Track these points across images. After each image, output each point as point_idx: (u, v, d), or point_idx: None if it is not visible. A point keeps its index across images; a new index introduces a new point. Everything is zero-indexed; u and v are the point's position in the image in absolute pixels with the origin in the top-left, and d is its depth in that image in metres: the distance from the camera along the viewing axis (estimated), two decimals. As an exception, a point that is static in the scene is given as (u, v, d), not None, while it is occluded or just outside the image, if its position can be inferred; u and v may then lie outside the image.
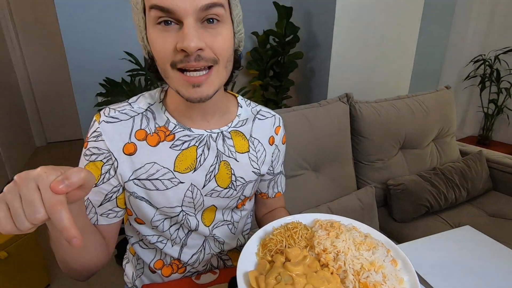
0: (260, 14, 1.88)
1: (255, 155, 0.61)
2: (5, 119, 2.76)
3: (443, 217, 1.31)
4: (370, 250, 0.44)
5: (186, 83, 0.44)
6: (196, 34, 0.41)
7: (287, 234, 0.47)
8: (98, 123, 0.51)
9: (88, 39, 1.51)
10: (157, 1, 0.40)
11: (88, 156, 0.52)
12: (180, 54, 0.42)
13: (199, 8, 0.40)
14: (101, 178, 0.52)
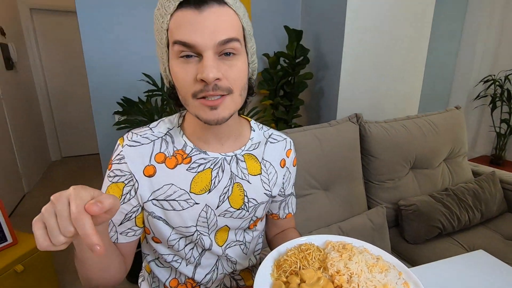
0: (271, 36, 1.95)
1: (267, 177, 0.63)
2: (24, 134, 2.87)
3: (457, 239, 1.28)
4: (382, 272, 0.45)
5: (204, 106, 0.48)
6: (214, 65, 0.44)
7: (301, 256, 0.48)
8: (122, 147, 0.55)
9: (108, 60, 1.59)
10: (180, 37, 0.44)
11: (112, 178, 0.55)
12: (200, 84, 0.46)
13: (217, 43, 0.44)
14: (122, 198, 0.55)
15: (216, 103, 0.47)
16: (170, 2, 0.45)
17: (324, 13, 1.77)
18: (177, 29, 0.45)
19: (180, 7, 0.44)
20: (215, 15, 0.44)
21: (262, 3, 1.87)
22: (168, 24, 0.46)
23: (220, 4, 0.45)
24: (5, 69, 2.61)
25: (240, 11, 0.48)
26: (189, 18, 0.44)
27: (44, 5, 3.23)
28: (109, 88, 1.63)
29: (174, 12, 0.45)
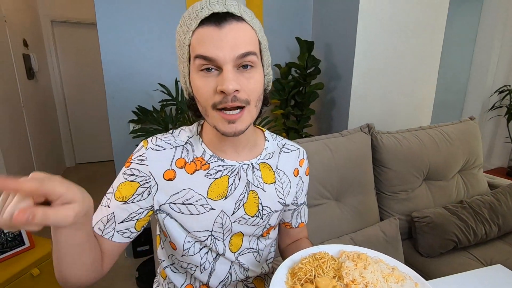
0: (283, 47, 1.99)
1: (281, 186, 0.65)
2: (42, 140, 2.97)
3: (473, 253, 1.25)
4: (398, 282, 0.45)
5: (223, 120, 0.50)
6: (233, 78, 0.47)
7: (316, 264, 0.49)
8: (145, 149, 0.57)
9: (125, 70, 1.65)
10: (202, 52, 0.47)
11: (128, 176, 0.56)
12: (219, 96, 0.48)
13: (236, 57, 0.47)
14: (132, 197, 0.56)
15: (235, 117, 0.49)
16: (192, 20, 0.48)
17: (335, 24, 1.80)
18: (198, 44, 0.47)
19: (201, 24, 0.47)
20: (234, 31, 0.47)
21: (274, 15, 1.91)
22: (190, 40, 0.48)
23: (238, 21, 0.48)
24: (27, 79, 2.73)
25: (256, 26, 0.51)
26: (210, 34, 0.46)
27: (64, 17, 3.38)
28: (124, 97, 1.68)
29: (195, 29, 0.48)
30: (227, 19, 0.47)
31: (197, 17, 0.47)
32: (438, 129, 1.47)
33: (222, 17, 0.47)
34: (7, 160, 2.02)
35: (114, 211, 0.56)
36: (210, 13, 0.47)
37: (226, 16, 0.47)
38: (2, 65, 2.25)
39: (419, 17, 1.77)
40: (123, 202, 0.56)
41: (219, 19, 0.46)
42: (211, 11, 0.47)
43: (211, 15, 0.47)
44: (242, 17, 0.48)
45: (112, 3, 1.55)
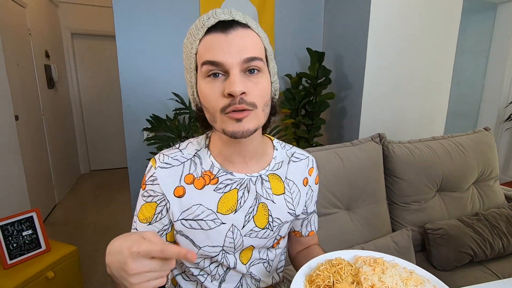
0: (294, 58, 2.02)
1: (291, 196, 0.65)
2: (59, 148, 3.07)
3: (490, 268, 1.21)
4: (417, 286, 0.45)
5: (230, 120, 0.50)
6: (240, 81, 0.48)
7: (333, 270, 0.49)
8: (154, 169, 0.58)
9: (141, 80, 1.71)
10: (209, 57, 0.48)
11: (146, 197, 0.59)
12: (227, 99, 0.49)
13: (242, 61, 0.48)
14: (154, 217, 0.59)
15: (242, 115, 0.49)
16: (199, 30, 0.49)
17: (346, 34, 1.82)
18: (205, 51, 0.49)
19: (208, 32, 0.49)
20: (240, 37, 0.48)
21: (285, 26, 1.95)
22: (197, 48, 0.50)
23: (244, 28, 0.49)
24: (47, 88, 2.85)
25: (262, 34, 0.52)
26: (217, 40, 0.48)
27: (84, 30, 3.54)
28: (140, 105, 1.74)
29: (202, 38, 0.49)
30: (233, 26, 0.48)
31: (203, 26, 0.49)
32: (452, 140, 1.45)
33: (228, 24, 0.48)
34: (27, 167, 2.10)
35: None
36: (216, 21, 0.48)
37: (232, 23, 0.48)
38: (25, 75, 2.36)
39: (431, 26, 1.77)
40: (148, 223, 0.59)
41: (225, 26, 0.48)
42: (217, 19, 0.48)
43: (217, 23, 0.48)
44: (247, 25, 0.50)
45: (130, 17, 1.62)
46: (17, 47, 2.24)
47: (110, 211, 2.78)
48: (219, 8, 0.53)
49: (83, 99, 3.79)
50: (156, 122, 1.61)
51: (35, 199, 2.27)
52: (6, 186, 1.71)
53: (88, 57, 3.71)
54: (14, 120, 1.90)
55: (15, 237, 1.28)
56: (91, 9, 3.52)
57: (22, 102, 2.23)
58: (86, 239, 2.28)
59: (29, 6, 2.49)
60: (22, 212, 1.32)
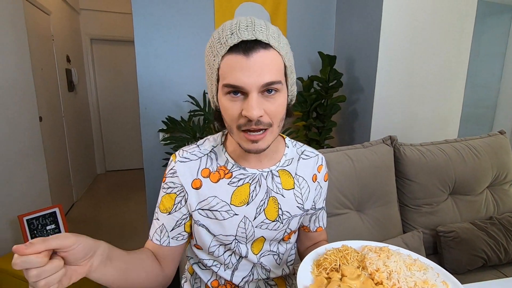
0: (305, 61, 2.05)
1: (300, 191, 0.68)
2: (77, 148, 3.19)
3: (505, 272, 1.20)
4: (421, 271, 0.47)
5: (247, 139, 0.54)
6: (257, 104, 0.50)
7: (340, 255, 0.52)
8: (174, 163, 0.63)
9: (157, 84, 1.78)
10: (230, 81, 0.50)
11: (166, 189, 0.64)
12: (244, 119, 0.52)
13: (261, 85, 0.50)
14: (173, 207, 0.63)
15: (258, 138, 0.53)
16: (222, 46, 0.50)
17: (357, 38, 1.84)
18: (226, 72, 0.50)
19: (230, 51, 0.50)
20: (261, 59, 0.49)
21: (297, 30, 1.99)
22: (219, 64, 0.51)
23: (265, 49, 0.50)
24: (67, 91, 2.98)
25: (282, 50, 0.52)
26: (238, 63, 0.49)
27: (103, 35, 3.68)
28: (156, 107, 1.81)
29: (224, 55, 0.50)
30: (255, 47, 0.49)
31: (226, 43, 0.49)
32: (465, 143, 1.44)
33: (250, 46, 0.48)
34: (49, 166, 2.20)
35: (164, 222, 0.64)
36: (239, 41, 0.48)
37: (254, 45, 0.49)
38: (48, 79, 2.49)
39: (444, 30, 1.77)
40: (167, 213, 0.64)
41: (247, 48, 0.48)
42: (240, 38, 0.48)
43: (240, 42, 0.49)
44: (269, 44, 0.50)
45: (148, 23, 1.70)
46: (42, 52, 2.36)
47: (125, 210, 2.87)
48: (236, 18, 0.52)
49: (101, 102, 3.93)
50: (171, 123, 1.67)
51: (56, 197, 2.38)
52: (30, 183, 1.80)
53: (106, 61, 3.86)
54: (39, 121, 2.01)
55: (39, 231, 1.35)
56: (109, 16, 3.66)
57: (46, 104, 2.35)
58: (102, 236, 2.36)
59: (53, 13, 2.63)
60: (46, 208, 1.39)
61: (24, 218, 1.32)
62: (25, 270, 0.38)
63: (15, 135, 1.69)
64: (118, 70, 3.91)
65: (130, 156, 4.14)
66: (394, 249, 0.56)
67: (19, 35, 1.80)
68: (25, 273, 0.38)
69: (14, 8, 1.76)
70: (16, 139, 1.70)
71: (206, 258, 0.68)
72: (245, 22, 0.50)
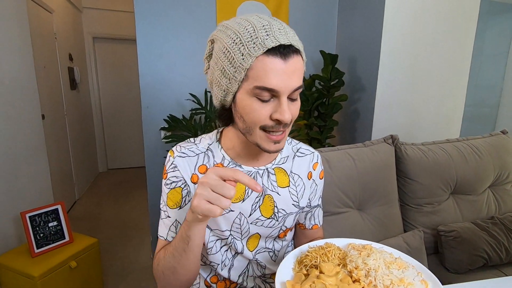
0: (308, 60, 2.03)
1: (295, 189, 0.69)
2: (79, 146, 3.20)
3: (506, 272, 1.19)
4: (400, 269, 0.48)
5: (268, 140, 0.55)
6: (288, 108, 0.51)
7: (321, 252, 0.52)
8: (173, 158, 0.63)
9: (159, 82, 1.78)
10: (267, 84, 0.49)
11: (169, 185, 0.64)
12: (273, 122, 0.53)
13: (292, 90, 0.51)
14: (183, 200, 0.64)
15: (280, 138, 0.55)
16: (256, 46, 0.48)
17: (359, 37, 1.84)
18: (263, 74, 0.49)
19: (266, 53, 0.48)
20: (294, 65, 0.50)
21: (300, 29, 1.99)
22: (251, 64, 0.49)
23: (297, 54, 0.51)
24: (70, 89, 2.99)
25: (304, 55, 0.54)
26: (276, 67, 0.48)
27: (105, 34, 3.69)
28: (158, 106, 1.81)
29: (259, 56, 0.48)
30: (291, 53, 0.49)
31: (263, 44, 0.47)
32: (466, 142, 1.43)
33: (287, 51, 0.49)
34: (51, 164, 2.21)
35: (176, 218, 0.64)
36: (277, 44, 0.48)
37: (290, 49, 0.49)
38: (51, 77, 2.50)
39: (446, 29, 1.76)
40: (178, 208, 0.64)
41: (285, 53, 0.48)
42: (278, 42, 0.48)
43: (278, 46, 0.48)
44: (299, 50, 0.51)
45: (150, 22, 1.70)
46: (45, 50, 2.37)
47: (127, 208, 2.88)
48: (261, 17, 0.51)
49: (103, 100, 3.94)
50: (173, 122, 1.67)
51: (58, 194, 2.39)
52: (33, 181, 1.81)
53: (108, 60, 3.87)
54: (41, 119, 2.02)
55: (42, 227, 1.37)
56: (112, 14, 3.67)
57: (48, 102, 2.36)
58: (104, 233, 2.37)
59: (55, 11, 2.64)
60: (48, 205, 1.41)
61: (27, 215, 1.33)
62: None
63: (18, 133, 1.70)
64: (121, 68, 3.92)
65: (132, 154, 4.16)
66: (378, 247, 0.56)
67: (22, 33, 1.81)
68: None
69: (18, 6, 1.77)
70: (19, 137, 1.71)
71: (205, 256, 0.69)
72: (277, 25, 0.50)
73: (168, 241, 0.64)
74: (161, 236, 0.65)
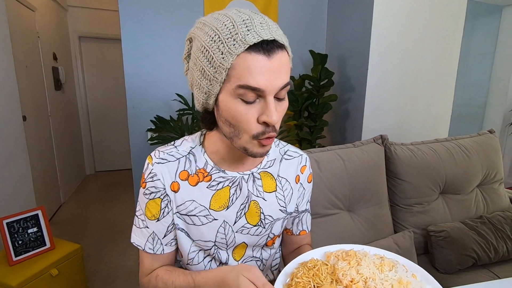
0: (297, 59, 2.03)
1: (282, 194, 0.65)
2: (65, 148, 3.11)
3: (494, 271, 1.19)
4: (392, 269, 0.47)
5: (259, 145, 0.51)
6: (275, 109, 0.47)
7: (311, 274, 0.48)
8: (152, 165, 0.58)
9: (146, 82, 1.73)
10: (252, 83, 0.44)
11: (148, 195, 0.59)
12: (262, 126, 0.48)
13: (279, 88, 0.47)
14: (161, 212, 0.59)
15: (269, 142, 0.51)
16: (236, 42, 0.44)
17: (349, 37, 1.83)
18: (245, 73, 0.44)
19: (248, 50, 0.44)
20: (279, 61, 0.46)
21: (289, 28, 1.97)
22: (232, 63, 0.44)
23: (281, 49, 0.46)
24: (54, 90, 2.90)
25: (289, 50, 0.49)
26: (260, 64, 0.44)
27: (92, 33, 3.60)
28: (144, 107, 1.76)
29: (241, 54, 0.44)
30: (275, 48, 0.45)
31: (244, 40, 0.43)
32: (455, 142, 1.44)
33: (270, 47, 0.45)
34: (34, 166, 2.13)
35: (154, 230, 0.60)
36: (259, 40, 0.43)
37: (273, 45, 0.45)
38: (34, 77, 2.41)
39: (435, 30, 1.77)
40: (156, 220, 0.60)
41: (269, 49, 0.44)
42: (260, 37, 0.44)
43: (260, 42, 0.44)
44: (283, 45, 0.47)
45: (135, 20, 1.65)
46: (26, 49, 2.29)
47: (115, 212, 2.81)
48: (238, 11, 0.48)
49: (90, 101, 3.85)
50: (160, 122, 1.63)
51: (41, 198, 2.31)
52: (13, 185, 1.74)
53: (95, 59, 3.78)
54: (22, 120, 1.94)
55: (20, 234, 1.30)
56: (98, 13, 3.58)
57: (30, 103, 2.28)
58: (91, 238, 2.30)
59: (38, 9, 2.55)
60: (27, 210, 1.34)
61: (4, 221, 1.27)
62: None
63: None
64: (108, 68, 3.83)
65: (121, 156, 4.07)
66: (359, 249, 0.54)
67: (0, 32, 1.73)
68: None
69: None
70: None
71: (187, 268, 0.65)
72: (258, 19, 0.46)
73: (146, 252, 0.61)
74: (138, 246, 0.62)
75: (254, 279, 0.45)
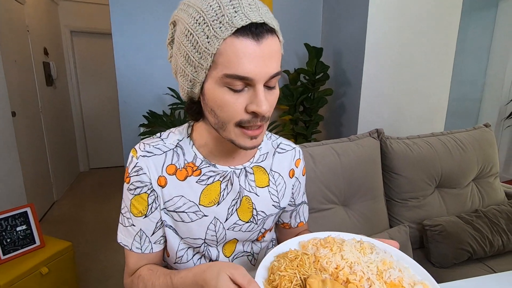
0: (292, 53, 2.00)
1: (275, 188, 0.63)
2: (58, 145, 3.06)
3: (490, 265, 1.19)
4: (373, 252, 0.46)
5: (244, 136, 0.48)
6: (265, 98, 0.44)
7: (295, 265, 0.44)
8: (136, 159, 0.54)
9: (137, 77, 1.70)
10: (240, 72, 0.41)
11: (133, 190, 0.55)
12: (248, 115, 0.45)
13: (269, 76, 0.44)
14: (149, 208, 0.56)
15: (257, 133, 0.48)
16: (222, 25, 0.40)
17: (344, 30, 1.81)
18: (233, 60, 0.41)
19: (235, 34, 0.41)
20: (269, 47, 0.42)
21: (284, 21, 1.93)
22: (218, 48, 0.41)
23: (272, 34, 0.43)
24: (46, 85, 2.84)
25: (280, 36, 0.46)
26: (249, 50, 0.41)
27: (84, 28, 3.54)
28: (136, 102, 1.73)
29: (228, 38, 0.41)
30: (264, 33, 0.42)
31: (231, 23, 0.40)
32: (451, 136, 1.43)
33: (260, 31, 0.41)
34: (24, 163, 2.09)
35: (141, 227, 0.57)
36: (248, 22, 0.40)
37: (263, 29, 0.42)
38: (23, 72, 2.36)
39: (431, 24, 1.75)
40: (143, 216, 0.56)
41: (258, 33, 0.41)
42: (249, 20, 0.40)
43: (249, 25, 0.41)
44: (274, 29, 0.43)
45: (126, 14, 1.61)
46: (15, 44, 2.23)
47: (109, 209, 2.77)
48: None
49: (83, 96, 3.79)
50: (152, 117, 1.60)
51: (33, 196, 2.27)
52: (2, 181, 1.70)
53: (87, 55, 3.71)
54: (11, 116, 1.90)
55: (9, 232, 1.27)
56: (91, 7, 3.51)
57: (20, 98, 2.23)
58: (84, 236, 2.27)
59: (27, 3, 2.49)
60: (16, 207, 1.31)
61: (-8, 219, 1.23)
62: None
63: (-17, 131, 1.59)
64: (101, 64, 3.77)
65: (116, 153, 4.02)
66: (335, 235, 0.53)
67: (-13, 24, 1.68)
68: None
69: (-19, -6, 1.64)
70: (-15, 135, 1.60)
71: (174, 267, 0.63)
72: (248, 2, 0.42)
73: (133, 251, 0.58)
74: (125, 246, 0.58)
75: (238, 277, 0.41)
